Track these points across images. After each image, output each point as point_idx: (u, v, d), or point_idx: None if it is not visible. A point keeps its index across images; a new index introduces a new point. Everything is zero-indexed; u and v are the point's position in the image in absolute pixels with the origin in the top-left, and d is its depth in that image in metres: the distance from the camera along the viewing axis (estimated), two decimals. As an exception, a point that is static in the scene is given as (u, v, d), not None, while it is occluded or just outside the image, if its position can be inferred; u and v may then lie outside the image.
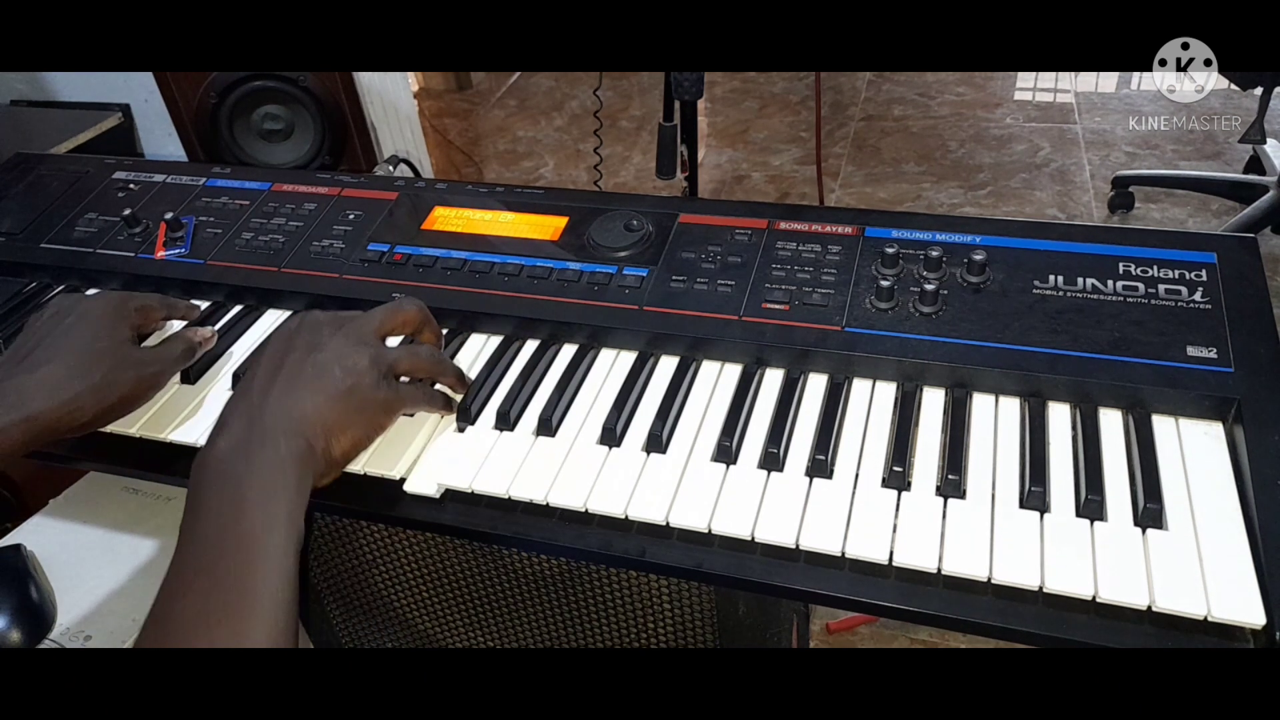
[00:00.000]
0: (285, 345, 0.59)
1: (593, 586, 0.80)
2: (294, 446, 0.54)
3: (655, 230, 0.75)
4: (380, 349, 0.61)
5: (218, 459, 0.53)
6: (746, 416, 0.64)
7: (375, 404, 0.59)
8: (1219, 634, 0.50)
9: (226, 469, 0.52)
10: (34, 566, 0.91)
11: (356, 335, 0.61)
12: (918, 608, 0.53)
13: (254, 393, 0.56)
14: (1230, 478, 0.56)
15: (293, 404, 0.56)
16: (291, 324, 0.61)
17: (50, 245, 0.87)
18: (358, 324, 0.62)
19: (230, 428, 0.55)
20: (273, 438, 0.54)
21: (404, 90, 2.11)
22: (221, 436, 0.54)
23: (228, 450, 0.53)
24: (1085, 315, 0.63)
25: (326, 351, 0.59)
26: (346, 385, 0.57)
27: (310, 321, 0.61)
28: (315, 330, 0.60)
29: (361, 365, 0.59)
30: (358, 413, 0.58)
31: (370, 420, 0.59)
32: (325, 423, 0.56)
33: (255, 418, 0.55)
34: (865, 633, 1.35)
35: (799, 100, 2.76)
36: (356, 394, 0.58)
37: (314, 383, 0.57)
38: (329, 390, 0.57)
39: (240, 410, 0.56)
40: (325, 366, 0.58)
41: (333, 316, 0.62)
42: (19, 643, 0.84)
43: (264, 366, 0.58)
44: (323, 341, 0.59)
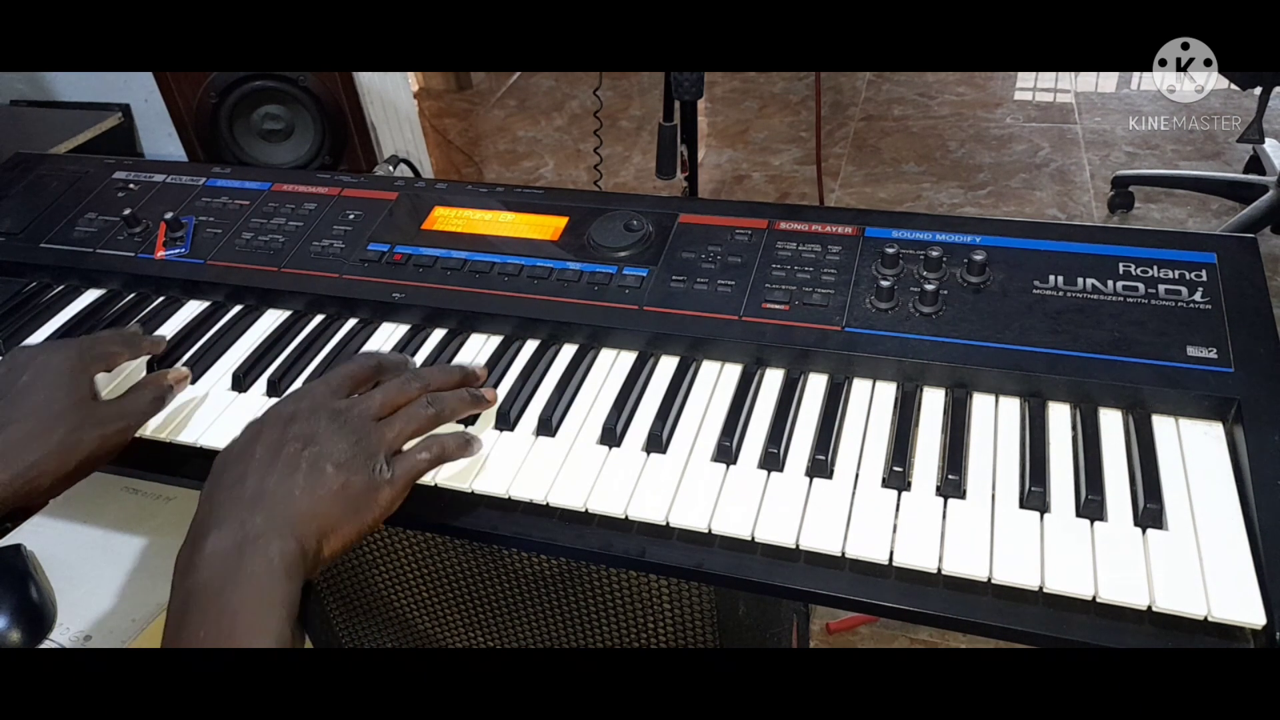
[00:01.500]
0: (279, 435, 0.56)
1: (593, 586, 0.80)
2: (286, 551, 0.51)
3: (655, 230, 0.75)
4: (374, 436, 0.57)
5: (206, 564, 0.50)
6: (746, 416, 0.64)
7: (371, 502, 0.55)
8: (1219, 634, 0.50)
9: (215, 582, 0.49)
10: (34, 566, 0.91)
11: (352, 425, 0.57)
12: (918, 608, 0.53)
13: (246, 487, 0.53)
14: (1230, 478, 0.56)
15: (287, 505, 0.53)
16: (286, 409, 0.58)
17: (50, 245, 0.87)
18: (354, 410, 0.58)
19: (221, 525, 0.52)
20: (264, 543, 0.51)
21: (404, 90, 2.11)
22: (210, 535, 0.51)
23: (216, 556, 0.50)
24: (1085, 315, 0.63)
25: (320, 445, 0.55)
26: (340, 483, 0.54)
27: (306, 408, 0.57)
28: (311, 419, 0.56)
29: (357, 460, 0.55)
30: (354, 512, 0.55)
31: (364, 519, 0.55)
32: (319, 524, 0.53)
33: (246, 518, 0.52)
34: (865, 633, 1.35)
35: (799, 100, 2.76)
36: (351, 491, 0.55)
37: (308, 481, 0.54)
38: (323, 489, 0.54)
39: (230, 506, 0.53)
40: (319, 464, 0.54)
41: (327, 404, 0.58)
42: (19, 643, 0.84)
43: (258, 458, 0.55)
44: (317, 433, 0.56)
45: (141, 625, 0.87)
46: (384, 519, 0.57)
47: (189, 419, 0.69)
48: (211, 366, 0.75)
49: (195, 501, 0.55)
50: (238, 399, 0.71)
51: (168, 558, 0.48)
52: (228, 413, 0.70)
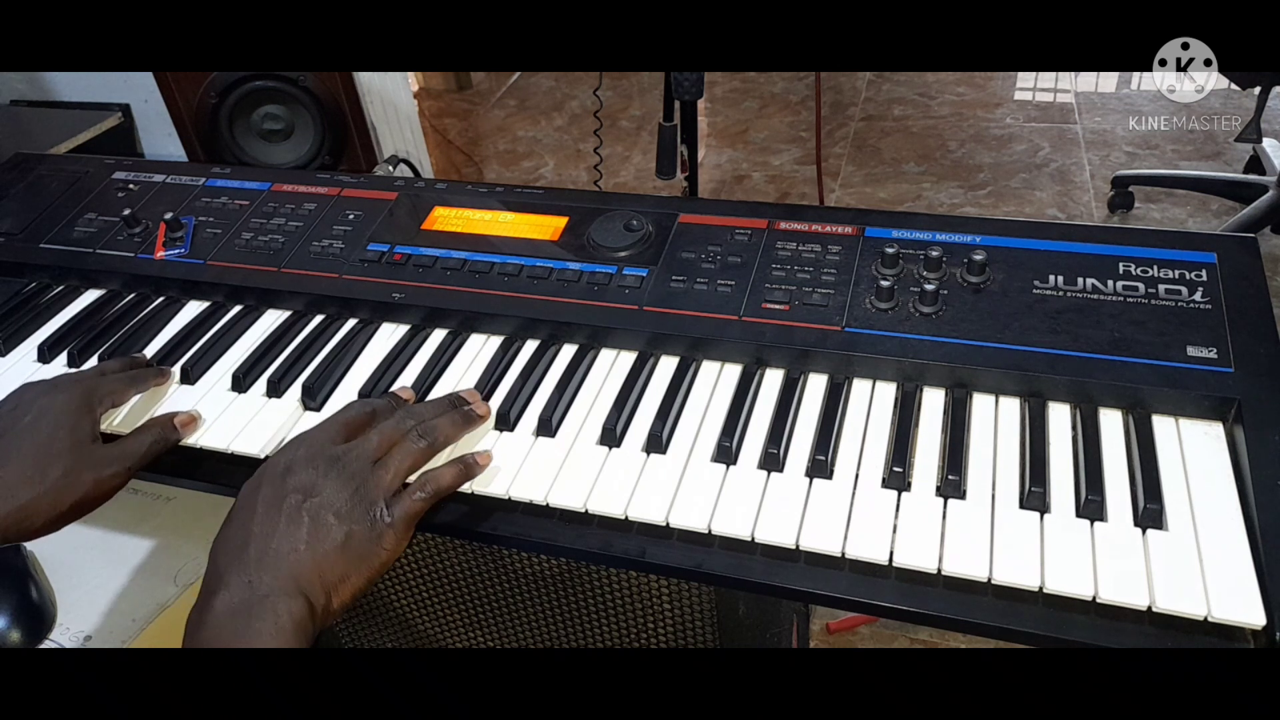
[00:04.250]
0: (280, 488, 0.56)
1: (593, 586, 0.80)
2: (295, 609, 0.51)
3: (655, 230, 0.75)
4: (371, 481, 0.57)
5: (216, 624, 0.50)
6: (746, 417, 0.64)
7: (375, 549, 0.55)
8: (1219, 634, 0.50)
9: (224, 642, 0.49)
10: (34, 566, 0.91)
11: (350, 471, 0.57)
12: (918, 608, 0.53)
13: (251, 545, 0.53)
14: (1230, 478, 0.56)
15: (292, 560, 0.53)
16: (284, 460, 0.58)
17: (50, 245, 0.87)
18: (352, 455, 0.58)
19: (227, 585, 0.51)
20: (272, 603, 0.51)
21: (404, 90, 2.11)
22: (218, 595, 0.51)
23: (225, 616, 0.50)
24: (1085, 315, 0.63)
25: (320, 495, 0.55)
26: (343, 534, 0.54)
27: (303, 457, 0.57)
28: (309, 470, 0.56)
29: (358, 509, 0.55)
30: (359, 561, 0.54)
31: (370, 566, 0.55)
32: (325, 578, 0.53)
33: (254, 578, 0.52)
34: (865, 633, 1.35)
35: (799, 100, 2.76)
36: (354, 542, 0.54)
37: (311, 534, 0.54)
38: (328, 543, 0.54)
39: (236, 564, 0.52)
40: (320, 515, 0.54)
41: (323, 452, 0.58)
42: (19, 643, 0.84)
43: (259, 515, 0.55)
44: (316, 483, 0.56)
45: (141, 625, 0.87)
46: (390, 564, 0.57)
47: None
48: (211, 367, 0.75)
49: (196, 501, 0.55)
50: (238, 399, 0.71)
51: (168, 558, 0.48)
52: (228, 413, 0.70)
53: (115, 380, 0.68)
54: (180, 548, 0.91)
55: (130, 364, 0.72)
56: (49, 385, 0.66)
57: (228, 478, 0.67)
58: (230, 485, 0.65)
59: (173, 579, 0.89)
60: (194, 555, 0.91)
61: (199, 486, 0.69)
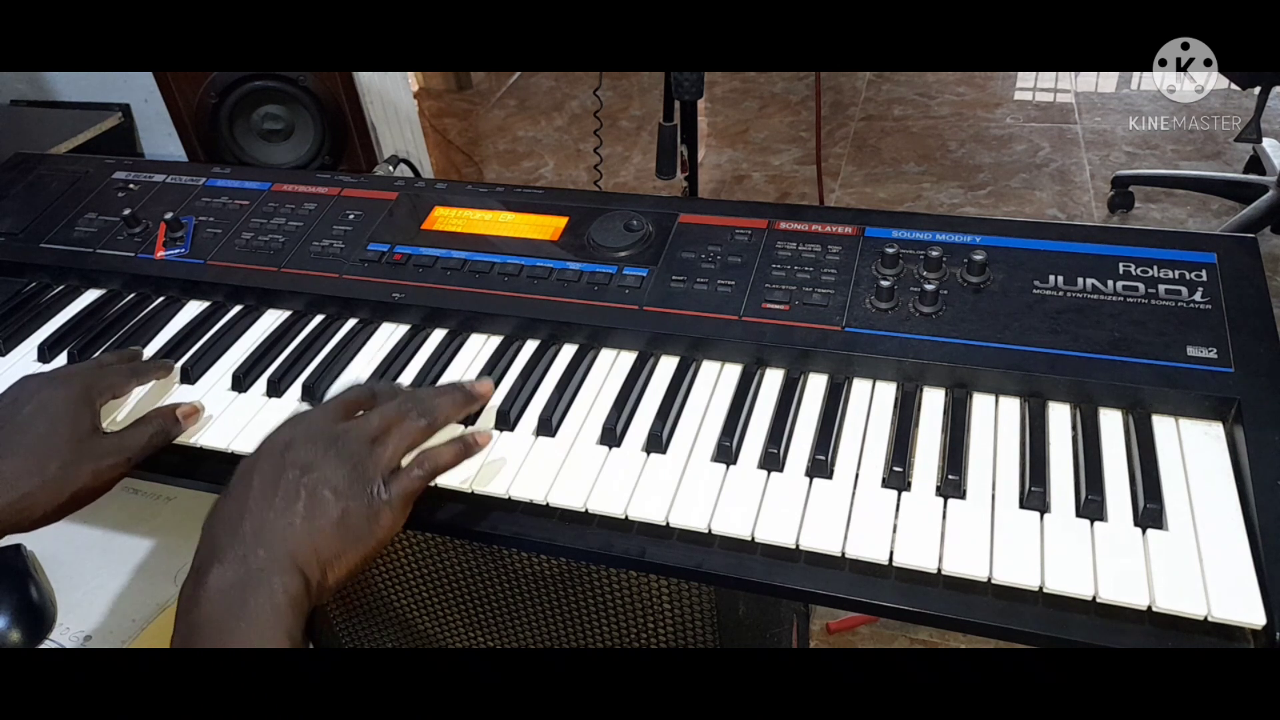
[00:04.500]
0: (277, 463, 0.55)
1: (593, 586, 0.80)
2: (290, 586, 0.51)
3: (655, 230, 0.75)
4: (370, 458, 0.56)
5: (210, 600, 0.50)
6: (746, 417, 0.64)
7: (372, 527, 0.55)
8: (1219, 634, 0.50)
9: (219, 618, 0.49)
10: (34, 566, 0.91)
11: (349, 448, 0.56)
12: (918, 608, 0.53)
13: (246, 520, 0.53)
14: (1230, 478, 0.56)
15: (288, 536, 0.52)
16: (283, 436, 0.57)
17: (50, 245, 0.87)
18: (350, 433, 0.57)
19: (223, 560, 0.51)
20: (267, 579, 0.50)
21: (404, 90, 2.10)
22: (213, 570, 0.51)
23: (220, 591, 0.50)
24: (1085, 315, 0.63)
25: (318, 471, 0.55)
26: (339, 510, 0.54)
27: (302, 433, 0.57)
28: (308, 446, 0.56)
29: (356, 486, 0.55)
30: (355, 540, 0.54)
31: (367, 543, 0.55)
32: (321, 555, 0.53)
33: (248, 553, 0.51)
34: (865, 633, 1.35)
35: (799, 100, 2.76)
36: (351, 519, 0.54)
37: (308, 510, 0.53)
38: (324, 519, 0.53)
39: (232, 539, 0.52)
40: (317, 492, 0.54)
41: (323, 430, 0.57)
42: (19, 643, 0.84)
43: (255, 490, 0.54)
44: (314, 460, 0.55)
45: (141, 625, 0.87)
46: (387, 542, 0.56)
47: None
48: (211, 367, 0.75)
49: (196, 502, 0.55)
50: (238, 399, 0.71)
51: (168, 558, 0.48)
52: (228, 413, 0.70)
53: (115, 372, 0.68)
54: (180, 548, 0.91)
55: (130, 356, 0.72)
56: (49, 377, 0.66)
57: (228, 478, 0.66)
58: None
59: (173, 579, 0.89)
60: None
61: (199, 486, 0.69)
